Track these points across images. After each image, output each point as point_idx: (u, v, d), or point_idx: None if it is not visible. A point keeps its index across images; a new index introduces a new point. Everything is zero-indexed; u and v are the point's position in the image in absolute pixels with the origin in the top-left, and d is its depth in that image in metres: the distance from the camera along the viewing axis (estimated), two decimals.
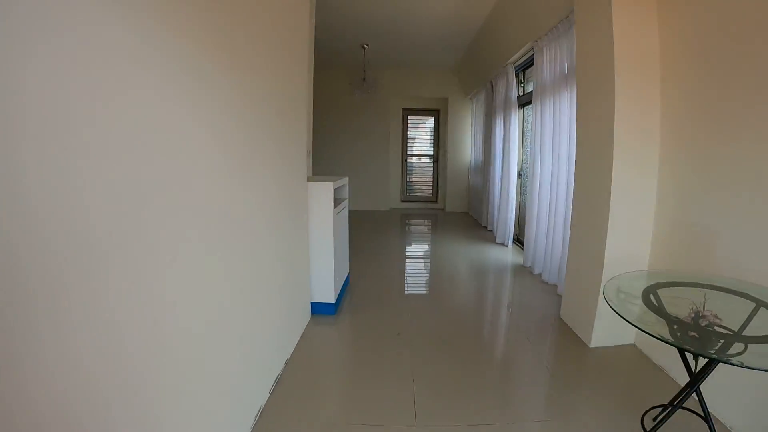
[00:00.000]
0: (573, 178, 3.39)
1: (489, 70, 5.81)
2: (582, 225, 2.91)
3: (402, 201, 8.64)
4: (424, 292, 3.77)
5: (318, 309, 3.09)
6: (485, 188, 6.56)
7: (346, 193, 3.51)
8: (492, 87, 6.04)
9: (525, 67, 4.98)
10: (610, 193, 2.53)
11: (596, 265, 2.67)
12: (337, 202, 3.25)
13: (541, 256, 4.14)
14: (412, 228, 7.00)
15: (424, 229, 6.85)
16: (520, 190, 5.37)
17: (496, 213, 5.92)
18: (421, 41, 5.96)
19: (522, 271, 4.38)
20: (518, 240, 5.44)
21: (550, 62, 3.77)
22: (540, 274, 4.14)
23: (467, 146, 8.00)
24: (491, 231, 6.24)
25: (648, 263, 2.63)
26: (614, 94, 2.45)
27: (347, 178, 3.51)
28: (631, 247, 2.60)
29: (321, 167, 8.12)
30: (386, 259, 4.84)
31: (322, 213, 2.88)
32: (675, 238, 2.41)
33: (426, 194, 8.70)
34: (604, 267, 2.61)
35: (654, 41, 2.46)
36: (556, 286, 3.79)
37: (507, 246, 5.32)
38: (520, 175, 5.30)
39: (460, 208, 8.24)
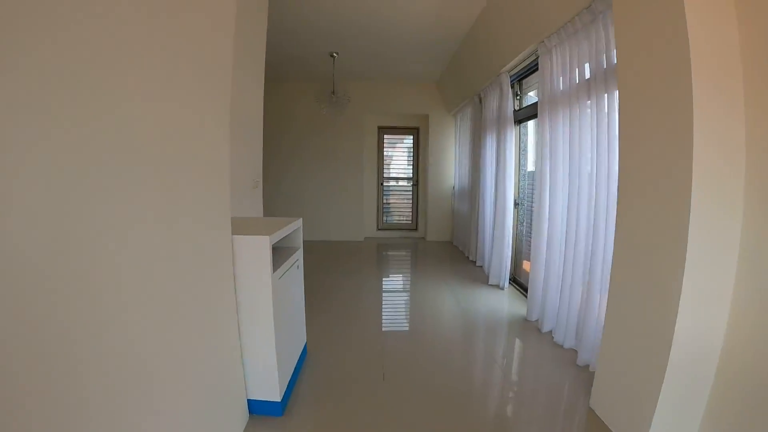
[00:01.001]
0: (602, 211, 2.58)
1: (477, 81, 5.04)
2: (631, 281, 2.07)
3: (378, 229, 7.75)
4: (406, 364, 2.84)
5: (258, 408, 2.13)
6: (473, 217, 5.74)
7: (298, 239, 2.58)
8: (480, 101, 5.27)
9: (523, 76, 4.21)
10: (687, 242, 1.70)
11: (658, 342, 1.83)
12: (285, 253, 2.33)
13: (553, 309, 3.29)
14: (390, 263, 6.10)
15: (404, 265, 5.95)
16: (517, 220, 4.55)
17: (487, 248, 5.09)
18: (399, 50, 5.18)
19: (526, 327, 3.50)
20: (515, 281, 4.60)
21: (563, 66, 2.99)
22: (551, 333, 3.28)
23: (450, 168, 7.21)
24: (481, 267, 5.39)
25: (723, 342, 1.81)
26: (692, 105, 1.64)
27: (300, 221, 2.58)
28: (706, 319, 1.78)
29: (281, 196, 7.22)
30: (355, 311, 3.90)
31: (256, 278, 1.93)
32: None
33: (405, 222, 7.84)
34: (672, 346, 1.77)
35: (732, 28, 1.68)
36: (575, 351, 2.94)
37: (503, 289, 4.47)
38: (516, 204, 4.49)
39: (442, 237, 7.40)
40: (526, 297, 4.13)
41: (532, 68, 3.92)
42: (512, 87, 4.27)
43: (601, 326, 2.42)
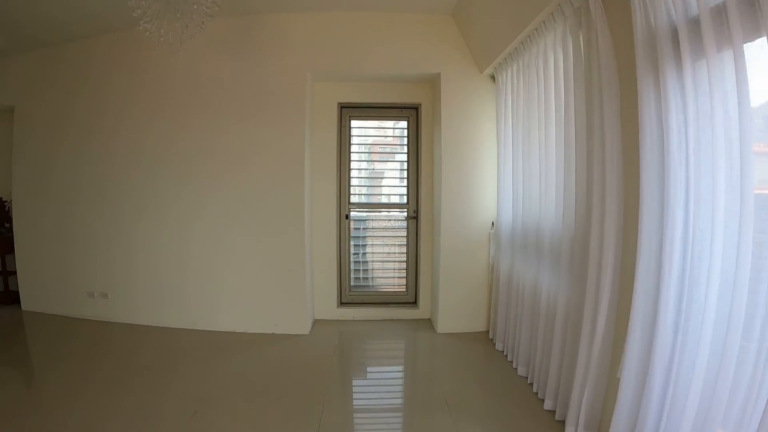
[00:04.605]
0: None
1: None
2: None
3: (342, 304, 4.05)
4: None
5: None
6: (580, 306, 2.13)
7: None
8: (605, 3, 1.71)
9: None
10: None
11: None
12: None
13: None
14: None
15: None
16: None
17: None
18: None
19: None
20: None
21: None
22: None
23: (486, 185, 3.58)
24: None
25: None
26: None
27: None
28: None
29: (121, 245, 3.64)
30: None
31: None
32: None
33: (392, 289, 4.15)
34: None
35: None
36: None
37: None
38: None
39: (468, 325, 3.66)
40: None
41: None
42: None
43: None
